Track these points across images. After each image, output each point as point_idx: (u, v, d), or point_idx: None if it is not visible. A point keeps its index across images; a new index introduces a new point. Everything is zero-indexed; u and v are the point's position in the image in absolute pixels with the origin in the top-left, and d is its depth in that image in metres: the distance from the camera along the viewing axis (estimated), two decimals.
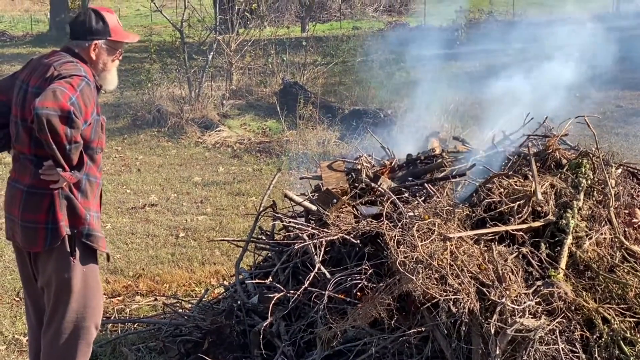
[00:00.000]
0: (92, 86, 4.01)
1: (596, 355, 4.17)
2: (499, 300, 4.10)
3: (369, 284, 4.40)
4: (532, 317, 4.12)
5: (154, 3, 16.11)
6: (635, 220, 4.91)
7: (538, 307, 4.18)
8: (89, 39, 4.22)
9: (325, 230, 4.82)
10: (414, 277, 4.11)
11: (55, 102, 3.74)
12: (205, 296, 6.17)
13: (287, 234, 5.42)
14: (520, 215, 4.64)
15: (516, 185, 4.87)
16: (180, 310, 5.90)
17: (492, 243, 4.47)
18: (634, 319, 4.29)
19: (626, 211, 4.95)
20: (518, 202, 4.71)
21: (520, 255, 4.45)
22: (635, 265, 4.55)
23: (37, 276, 4.22)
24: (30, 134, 4.02)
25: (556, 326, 4.13)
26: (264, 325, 4.62)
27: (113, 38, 4.29)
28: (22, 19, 35.88)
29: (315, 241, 4.73)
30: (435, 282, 4.15)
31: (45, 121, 3.71)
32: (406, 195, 5.13)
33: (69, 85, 3.85)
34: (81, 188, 4.10)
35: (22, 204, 4.08)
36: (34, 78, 4.07)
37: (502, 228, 4.55)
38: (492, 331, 4.04)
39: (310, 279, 4.56)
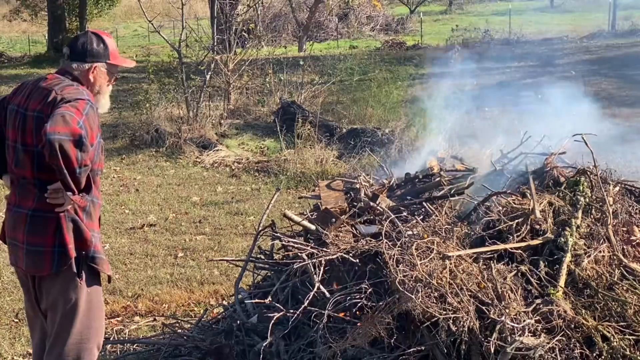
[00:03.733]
0: (95, 109, 4.03)
1: None
2: (498, 319, 4.10)
3: (369, 303, 4.40)
4: (531, 336, 4.12)
5: (152, 24, 16.16)
6: (633, 237, 4.91)
7: (537, 325, 4.18)
8: (89, 60, 4.23)
9: (325, 249, 4.83)
10: (413, 296, 4.12)
11: (66, 126, 3.77)
12: (205, 316, 6.16)
13: (286, 253, 5.42)
14: (518, 234, 4.65)
15: (514, 203, 4.88)
16: (180, 331, 5.89)
17: (491, 261, 4.47)
18: (634, 337, 4.29)
19: (624, 229, 4.96)
20: (517, 221, 4.72)
21: (519, 274, 4.45)
22: (634, 282, 4.55)
23: (40, 299, 4.19)
24: (32, 158, 4.03)
25: (556, 344, 4.12)
26: (264, 345, 4.61)
27: (112, 61, 4.33)
28: (20, 40, 36.02)
29: (314, 260, 4.74)
30: (434, 301, 4.15)
31: (58, 146, 3.72)
32: (405, 214, 5.13)
33: (76, 110, 3.86)
34: (86, 210, 4.11)
35: (26, 228, 4.05)
36: (33, 102, 4.06)
37: (501, 246, 4.56)
38: (492, 350, 4.04)
39: (309, 298, 4.56)
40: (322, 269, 4.70)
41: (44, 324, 4.28)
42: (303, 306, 4.56)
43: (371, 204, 5.31)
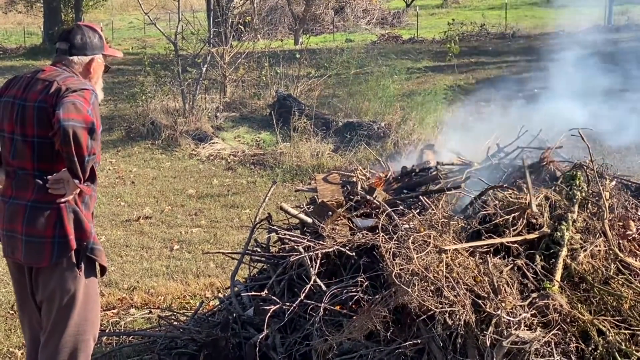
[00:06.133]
0: (98, 100, 4.05)
1: None
2: (494, 312, 4.10)
3: (365, 296, 4.40)
4: (527, 329, 4.12)
5: (148, 16, 16.12)
6: (629, 232, 4.92)
7: (533, 319, 4.18)
8: (89, 53, 4.26)
9: (321, 242, 4.82)
10: (409, 289, 4.11)
11: (79, 114, 3.81)
12: (201, 309, 6.15)
13: (282, 246, 5.42)
14: (515, 228, 4.64)
15: (511, 197, 4.88)
16: (175, 323, 5.89)
17: (488, 255, 4.47)
18: (629, 331, 4.30)
19: (620, 223, 4.96)
20: (513, 215, 4.72)
21: (516, 267, 4.45)
22: (630, 277, 4.56)
23: (37, 291, 4.17)
24: (32, 148, 4.02)
25: (552, 338, 4.13)
26: (260, 337, 4.61)
27: (107, 52, 4.38)
28: (15, 32, 35.92)
29: (310, 253, 4.73)
30: (430, 294, 4.15)
31: (72, 133, 3.75)
32: (401, 207, 5.13)
33: (83, 99, 3.89)
34: (84, 201, 4.11)
35: (26, 219, 4.03)
36: (32, 93, 4.04)
37: (497, 240, 4.56)
38: (488, 343, 4.04)
39: (305, 291, 4.56)
40: (318, 262, 4.71)
41: (35, 318, 4.26)
42: (299, 299, 4.55)
43: (368, 197, 5.31)
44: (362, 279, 4.48)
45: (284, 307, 4.67)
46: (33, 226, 4.02)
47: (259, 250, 5.80)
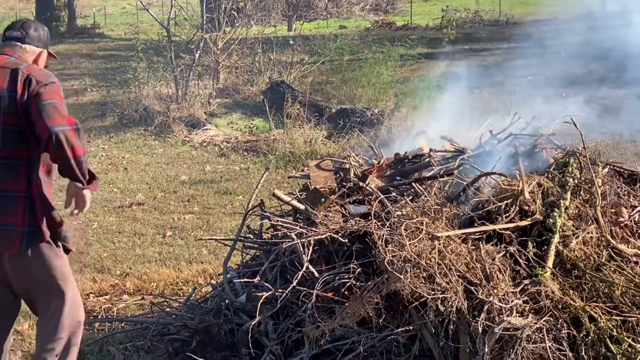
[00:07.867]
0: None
1: (583, 353, 4.18)
2: (486, 299, 4.11)
3: (357, 283, 4.40)
4: (519, 316, 4.13)
5: (141, 1, 16.05)
6: (621, 219, 4.93)
7: (525, 306, 4.19)
8: (40, 46, 4.30)
9: (314, 229, 4.82)
10: (402, 276, 4.12)
11: (62, 117, 3.83)
12: (193, 295, 6.16)
13: (275, 233, 5.41)
14: (507, 215, 4.65)
15: (504, 184, 4.88)
16: (168, 309, 5.88)
17: (480, 242, 4.47)
18: (620, 317, 4.31)
19: (612, 210, 4.97)
20: (505, 202, 4.72)
21: (508, 254, 4.46)
22: (622, 263, 4.57)
23: (16, 279, 4.12)
24: None
25: (543, 324, 4.14)
26: (252, 324, 4.61)
27: (50, 51, 4.42)
28: (7, 17, 35.71)
29: (303, 240, 4.73)
30: (423, 281, 4.15)
31: (63, 138, 3.77)
32: (394, 194, 5.13)
33: (57, 95, 3.93)
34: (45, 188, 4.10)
35: None
36: None
37: (490, 227, 4.56)
38: (480, 330, 4.05)
39: (298, 277, 4.56)
40: (311, 248, 4.70)
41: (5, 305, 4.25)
42: (292, 286, 4.55)
43: (360, 184, 5.30)
44: (355, 266, 4.48)
45: (276, 293, 4.67)
46: (1, 214, 4.00)
47: (251, 236, 5.80)
